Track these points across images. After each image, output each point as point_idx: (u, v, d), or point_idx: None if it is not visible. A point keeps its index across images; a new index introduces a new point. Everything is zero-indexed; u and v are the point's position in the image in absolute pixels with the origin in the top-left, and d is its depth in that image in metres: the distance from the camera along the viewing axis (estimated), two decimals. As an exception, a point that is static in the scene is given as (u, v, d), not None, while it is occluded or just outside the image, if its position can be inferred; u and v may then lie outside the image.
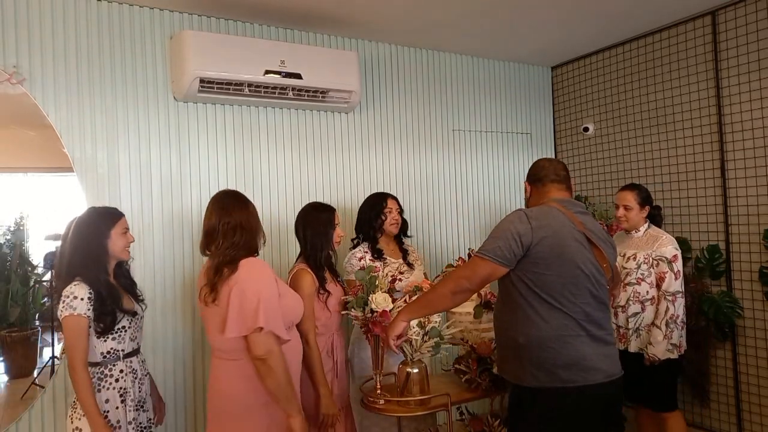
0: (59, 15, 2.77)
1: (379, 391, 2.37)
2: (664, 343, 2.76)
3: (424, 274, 3.09)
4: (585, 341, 1.90)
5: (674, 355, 2.78)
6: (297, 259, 2.59)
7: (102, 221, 2.11)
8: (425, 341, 2.36)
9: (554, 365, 1.88)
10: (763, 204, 3.19)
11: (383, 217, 2.91)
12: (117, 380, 2.06)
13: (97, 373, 2.05)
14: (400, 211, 2.99)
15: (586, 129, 4.16)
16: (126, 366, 2.09)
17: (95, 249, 2.07)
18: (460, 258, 2.93)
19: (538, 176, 2.14)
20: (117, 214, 2.17)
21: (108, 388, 2.05)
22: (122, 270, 2.21)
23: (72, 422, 2.04)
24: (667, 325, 2.76)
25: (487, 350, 2.47)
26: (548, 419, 1.90)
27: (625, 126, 3.94)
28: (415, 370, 2.33)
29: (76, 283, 2.00)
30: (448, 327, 2.47)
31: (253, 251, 2.05)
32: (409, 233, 3.15)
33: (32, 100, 2.68)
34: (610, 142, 4.05)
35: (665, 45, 3.67)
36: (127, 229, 2.18)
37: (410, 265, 2.97)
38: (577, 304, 1.91)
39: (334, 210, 2.60)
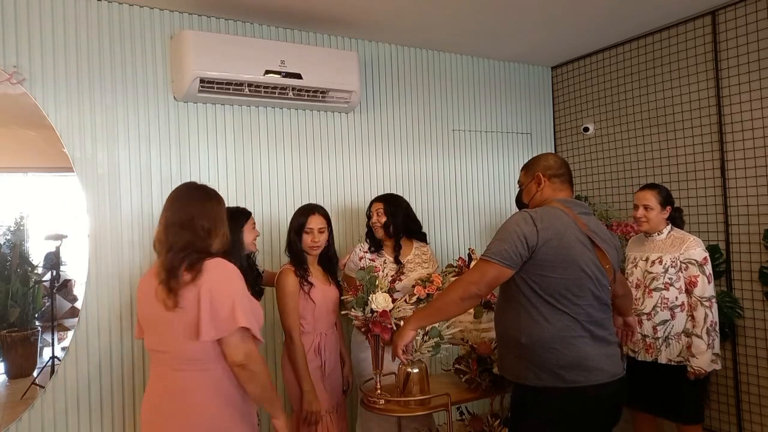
0: (59, 15, 2.77)
1: (379, 391, 2.37)
2: (708, 354, 2.56)
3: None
4: (587, 342, 1.90)
5: (719, 366, 2.60)
6: None
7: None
8: (425, 341, 2.36)
9: (557, 366, 1.88)
10: (763, 204, 3.19)
11: (370, 220, 2.99)
12: None
13: None
14: (390, 214, 2.94)
15: (586, 129, 4.16)
16: None
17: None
18: (460, 258, 2.92)
19: (556, 172, 2.10)
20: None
21: None
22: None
23: None
24: (708, 333, 2.57)
25: (487, 350, 2.47)
26: (550, 420, 1.90)
27: (625, 126, 3.94)
28: (415, 370, 2.33)
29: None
30: (448, 327, 2.47)
31: (208, 252, 1.81)
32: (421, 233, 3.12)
33: (32, 100, 2.68)
34: (610, 142, 4.05)
35: (665, 45, 3.66)
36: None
37: (398, 262, 2.94)
38: (580, 306, 1.91)
39: (312, 212, 2.62)
